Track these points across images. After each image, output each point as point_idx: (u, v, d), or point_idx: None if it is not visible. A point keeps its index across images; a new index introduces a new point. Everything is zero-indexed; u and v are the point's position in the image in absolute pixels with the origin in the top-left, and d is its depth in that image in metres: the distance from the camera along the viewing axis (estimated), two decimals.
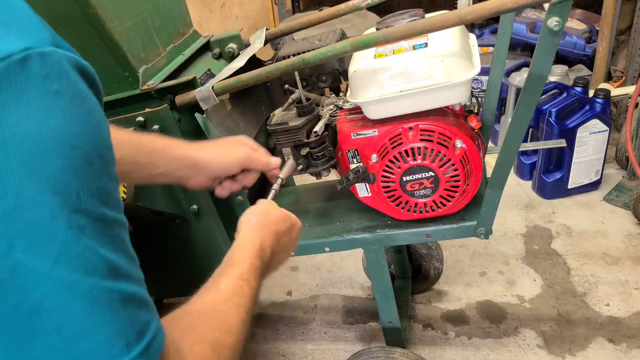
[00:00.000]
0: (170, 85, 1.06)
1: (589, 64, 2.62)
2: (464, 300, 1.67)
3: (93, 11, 0.97)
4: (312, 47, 1.12)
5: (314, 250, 1.20)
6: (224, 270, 0.68)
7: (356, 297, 1.75)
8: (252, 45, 1.28)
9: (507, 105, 2.38)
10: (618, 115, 2.46)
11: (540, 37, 0.82)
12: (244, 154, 0.93)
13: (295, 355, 1.56)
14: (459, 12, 0.82)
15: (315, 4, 3.09)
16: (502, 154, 1.00)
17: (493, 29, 2.75)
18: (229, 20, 3.19)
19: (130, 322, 0.44)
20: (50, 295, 0.41)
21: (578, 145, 1.99)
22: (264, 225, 0.78)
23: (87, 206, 0.43)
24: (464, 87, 0.97)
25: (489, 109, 1.20)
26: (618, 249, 1.80)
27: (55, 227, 0.41)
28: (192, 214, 1.16)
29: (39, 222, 0.40)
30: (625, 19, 2.72)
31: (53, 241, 0.41)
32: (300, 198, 1.38)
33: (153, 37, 1.14)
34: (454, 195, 1.04)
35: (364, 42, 0.90)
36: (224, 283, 0.66)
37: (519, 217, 2.02)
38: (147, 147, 0.85)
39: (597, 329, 1.50)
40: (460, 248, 1.89)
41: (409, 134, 1.01)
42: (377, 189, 1.08)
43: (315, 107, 1.10)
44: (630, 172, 2.11)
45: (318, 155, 1.10)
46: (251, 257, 0.71)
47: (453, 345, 1.51)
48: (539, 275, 1.72)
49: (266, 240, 0.76)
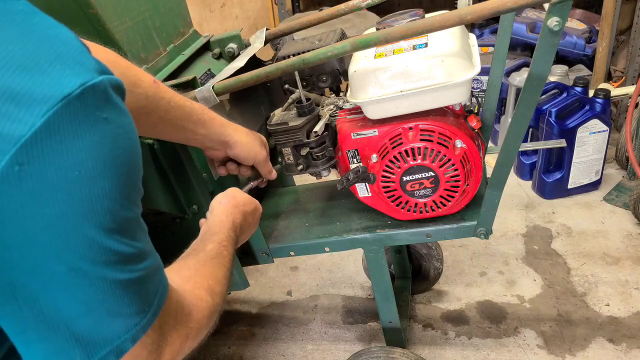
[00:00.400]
0: (170, 85, 1.06)
1: (589, 64, 2.62)
2: (464, 300, 1.67)
3: (93, 11, 0.97)
4: (312, 47, 1.12)
5: (314, 250, 1.20)
6: (208, 238, 0.83)
7: (356, 297, 1.75)
8: (253, 45, 1.29)
9: (507, 105, 2.38)
10: (618, 115, 2.46)
11: (540, 37, 0.82)
12: (263, 155, 1.07)
13: (295, 355, 1.56)
14: (459, 12, 0.82)
15: (315, 4, 3.09)
16: (502, 154, 1.00)
17: (493, 29, 2.75)
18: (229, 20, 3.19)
19: (145, 296, 0.54)
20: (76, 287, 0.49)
21: (578, 145, 1.99)
22: (234, 205, 0.93)
23: (123, 214, 0.51)
24: (464, 87, 0.97)
25: (489, 109, 1.20)
26: (618, 249, 1.80)
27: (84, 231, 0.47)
28: (192, 214, 1.16)
29: (85, 234, 0.48)
30: (625, 19, 2.72)
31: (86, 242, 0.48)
32: (300, 198, 1.38)
33: (153, 37, 1.14)
34: (454, 195, 1.04)
35: (364, 42, 0.90)
36: (209, 247, 0.80)
37: (519, 217, 2.02)
38: (197, 115, 0.96)
39: (597, 329, 1.50)
40: (460, 248, 1.89)
41: (409, 134, 1.01)
42: (377, 189, 1.08)
43: (315, 107, 1.10)
44: (630, 172, 2.11)
45: (318, 155, 1.10)
46: (227, 229, 0.86)
47: (453, 345, 1.51)
48: (539, 275, 1.72)
49: (237, 218, 0.91)
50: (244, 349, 1.60)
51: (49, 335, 0.49)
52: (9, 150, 0.42)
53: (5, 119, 0.43)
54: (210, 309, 0.68)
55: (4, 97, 0.43)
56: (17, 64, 0.44)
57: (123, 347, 0.52)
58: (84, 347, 0.50)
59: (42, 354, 0.51)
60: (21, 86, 0.43)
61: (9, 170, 0.43)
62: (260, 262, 1.23)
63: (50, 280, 0.47)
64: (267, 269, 1.91)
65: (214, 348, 1.60)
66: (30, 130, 0.43)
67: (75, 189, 0.46)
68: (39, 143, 0.43)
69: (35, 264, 0.46)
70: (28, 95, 0.43)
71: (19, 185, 0.43)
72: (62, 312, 0.49)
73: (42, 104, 0.43)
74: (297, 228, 1.24)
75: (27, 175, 0.43)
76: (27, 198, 0.44)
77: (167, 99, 0.90)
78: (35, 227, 0.45)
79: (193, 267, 0.74)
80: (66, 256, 0.47)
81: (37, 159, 0.44)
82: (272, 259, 1.22)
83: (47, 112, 0.43)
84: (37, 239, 0.45)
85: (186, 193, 1.13)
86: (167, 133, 0.95)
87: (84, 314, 0.49)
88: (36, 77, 0.44)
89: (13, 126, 0.43)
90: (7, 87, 0.43)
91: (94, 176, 0.47)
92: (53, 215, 0.45)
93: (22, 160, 0.43)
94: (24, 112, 0.43)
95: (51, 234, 0.46)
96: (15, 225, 0.44)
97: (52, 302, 0.48)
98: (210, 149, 1.03)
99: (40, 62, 0.45)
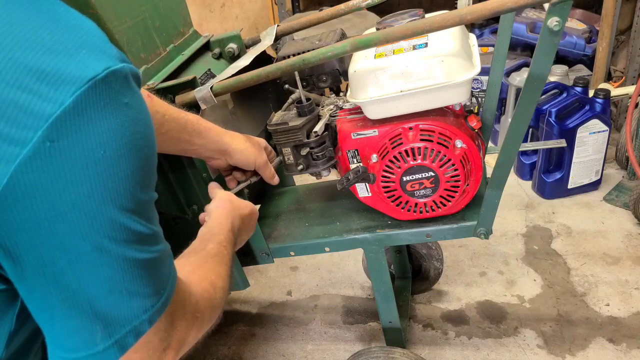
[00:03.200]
0: (170, 85, 1.06)
1: (589, 64, 2.62)
2: (464, 300, 1.67)
3: (93, 11, 0.96)
4: (312, 47, 1.12)
5: (314, 250, 1.20)
6: (209, 238, 0.84)
7: (356, 297, 1.75)
8: (262, 42, 1.28)
9: (507, 105, 2.38)
10: (618, 115, 2.46)
11: (540, 37, 0.82)
12: (263, 160, 1.08)
13: (295, 355, 1.56)
14: (459, 12, 0.82)
15: (315, 4, 3.09)
16: (502, 154, 1.00)
17: (493, 29, 2.75)
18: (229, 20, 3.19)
19: (160, 278, 0.57)
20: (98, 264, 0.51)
21: (578, 145, 1.99)
22: (231, 209, 0.94)
23: (142, 196, 0.53)
24: (464, 87, 0.97)
25: (489, 109, 1.20)
26: (618, 249, 1.80)
27: (108, 210, 0.50)
28: (192, 214, 1.16)
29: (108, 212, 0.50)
30: (625, 19, 2.72)
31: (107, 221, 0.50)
32: (300, 198, 1.38)
33: (153, 37, 1.14)
34: (454, 195, 1.04)
35: (364, 42, 0.90)
36: (210, 246, 0.82)
37: (519, 217, 2.02)
38: (191, 126, 0.96)
39: (597, 329, 1.50)
40: (460, 248, 1.89)
41: (409, 134, 1.01)
42: (377, 189, 1.08)
43: (315, 107, 1.10)
44: (630, 172, 2.11)
45: (318, 155, 1.10)
46: (226, 231, 0.88)
47: (453, 345, 1.51)
48: (539, 275, 1.72)
49: (235, 221, 0.93)
50: (244, 349, 1.60)
51: (73, 312, 0.51)
52: (41, 127, 0.44)
53: (37, 97, 0.45)
54: (213, 301, 0.70)
55: (35, 76, 0.45)
56: (46, 47, 0.46)
57: (141, 328, 0.54)
58: (105, 325, 0.52)
59: (65, 331, 0.53)
60: (51, 67, 0.46)
61: (41, 146, 0.45)
62: (260, 262, 1.23)
63: (76, 257, 0.49)
64: (267, 269, 1.91)
65: (214, 348, 1.60)
66: (60, 108, 0.45)
67: (101, 168, 0.48)
68: (69, 121, 0.45)
69: (63, 241, 0.48)
70: (57, 75, 0.46)
71: (50, 161, 0.45)
72: (87, 290, 0.51)
73: (70, 85, 0.46)
74: (297, 228, 1.24)
75: (57, 152, 0.45)
76: (57, 175, 0.46)
77: (161, 112, 0.91)
78: (64, 204, 0.47)
79: (195, 263, 0.77)
80: (91, 234, 0.49)
81: (67, 136, 0.46)
82: (272, 259, 1.22)
83: (75, 92, 0.46)
84: (66, 215, 0.47)
85: (186, 193, 1.13)
86: (163, 146, 0.96)
87: (106, 292, 0.51)
88: (64, 60, 0.46)
89: (44, 104, 0.45)
90: (38, 68, 0.45)
91: (118, 157, 0.49)
92: (81, 193, 0.47)
93: (52, 137, 0.45)
94: (53, 91, 0.45)
95: (78, 211, 0.48)
96: (45, 201, 0.46)
97: (77, 279, 0.50)
98: (210, 158, 1.05)
99: (68, 46, 0.47)
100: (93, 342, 0.52)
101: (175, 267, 0.62)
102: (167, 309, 0.57)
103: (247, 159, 1.05)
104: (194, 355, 1.57)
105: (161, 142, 0.94)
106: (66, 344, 0.53)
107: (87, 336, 0.52)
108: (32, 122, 0.44)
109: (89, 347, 0.53)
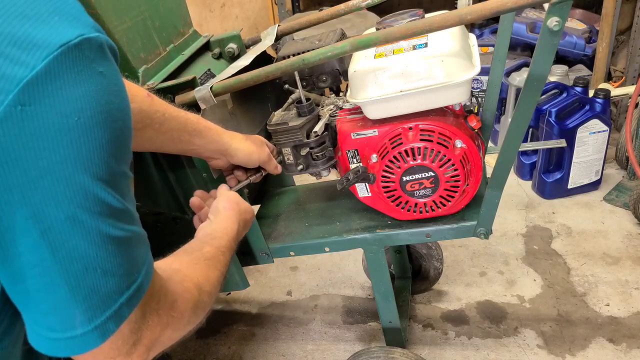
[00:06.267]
0: (170, 85, 1.06)
1: (589, 64, 2.62)
2: (464, 300, 1.67)
3: (93, 11, 0.96)
4: (312, 47, 1.12)
5: (314, 250, 1.20)
6: (208, 241, 0.82)
7: (356, 297, 1.75)
8: (263, 41, 1.28)
9: (507, 105, 2.38)
10: (618, 115, 2.46)
11: (540, 37, 0.82)
12: (266, 154, 1.07)
13: (295, 355, 1.56)
14: (459, 12, 0.82)
15: (315, 4, 3.08)
16: (502, 154, 1.00)
17: (493, 29, 2.75)
18: (229, 20, 3.19)
19: (134, 261, 0.55)
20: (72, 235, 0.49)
21: (578, 145, 1.99)
22: (238, 212, 0.92)
23: (116, 169, 0.52)
24: (464, 87, 0.97)
25: (489, 109, 1.20)
26: (618, 249, 1.80)
27: (81, 179, 0.49)
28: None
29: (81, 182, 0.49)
30: (625, 19, 2.71)
31: (80, 190, 0.49)
32: (300, 198, 1.38)
33: (153, 37, 1.14)
34: (454, 195, 1.04)
35: (364, 42, 0.90)
36: (207, 249, 0.79)
37: (519, 217, 2.02)
38: (191, 126, 0.95)
39: (597, 329, 1.50)
40: (460, 248, 1.89)
41: (409, 134, 1.01)
42: (377, 189, 1.08)
43: (315, 107, 1.10)
44: (630, 172, 2.11)
45: (318, 155, 1.10)
46: (229, 237, 0.86)
47: (453, 345, 1.51)
48: (539, 275, 1.72)
49: (240, 226, 0.91)
50: (244, 349, 1.60)
51: (48, 288, 0.50)
52: (12, 90, 0.44)
53: (8, 61, 0.45)
54: (195, 303, 0.68)
55: (5, 40, 0.45)
56: (18, 11, 0.46)
57: (121, 312, 0.53)
58: (84, 309, 0.51)
59: (41, 308, 0.51)
60: (22, 32, 0.46)
61: (12, 109, 0.44)
62: (260, 262, 1.23)
63: (50, 227, 0.48)
64: (267, 269, 1.91)
65: (214, 348, 1.60)
66: (31, 73, 0.45)
67: (75, 135, 0.47)
68: (40, 85, 0.45)
69: (36, 209, 0.47)
70: (29, 40, 0.45)
71: (22, 125, 0.45)
72: (61, 264, 0.49)
73: (42, 49, 0.45)
74: (297, 228, 1.24)
75: (29, 117, 0.45)
76: (30, 140, 0.45)
77: (161, 111, 0.90)
78: (36, 170, 0.46)
79: (185, 262, 0.74)
80: (64, 202, 0.48)
81: (39, 101, 0.45)
82: (272, 259, 1.22)
83: (47, 57, 0.45)
84: (38, 182, 0.47)
85: (186, 193, 1.13)
86: (164, 146, 0.95)
87: (82, 269, 0.50)
88: (36, 25, 0.46)
89: (15, 68, 0.45)
90: (9, 32, 0.45)
91: (92, 125, 0.48)
92: (54, 159, 0.47)
93: (24, 100, 0.45)
94: (25, 55, 0.45)
95: (51, 178, 0.47)
96: (17, 167, 0.46)
97: (51, 252, 0.49)
98: (211, 158, 1.04)
99: (41, 12, 0.47)
100: (71, 325, 0.51)
101: (152, 258, 0.60)
102: (140, 301, 0.56)
103: (249, 156, 1.05)
104: (194, 355, 1.57)
105: (161, 142, 0.93)
106: (43, 322, 0.52)
107: (64, 316, 0.51)
108: (3, 86, 0.44)
109: (67, 329, 0.51)
